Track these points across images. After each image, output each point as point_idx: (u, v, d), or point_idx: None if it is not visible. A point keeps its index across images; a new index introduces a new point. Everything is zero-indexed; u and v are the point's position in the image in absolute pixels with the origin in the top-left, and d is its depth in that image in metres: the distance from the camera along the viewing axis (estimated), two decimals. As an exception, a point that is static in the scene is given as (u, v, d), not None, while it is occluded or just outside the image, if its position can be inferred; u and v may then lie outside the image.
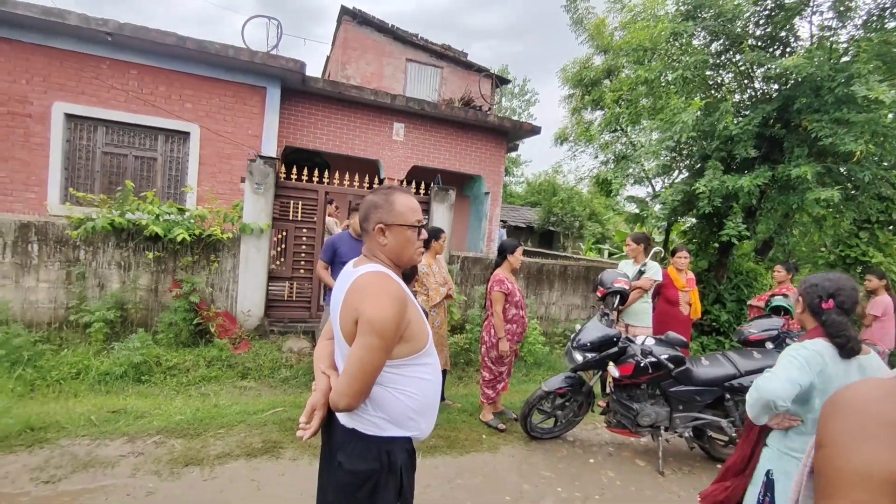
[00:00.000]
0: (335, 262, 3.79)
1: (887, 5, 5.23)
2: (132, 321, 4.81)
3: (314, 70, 11.75)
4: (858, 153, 4.66)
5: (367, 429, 1.36)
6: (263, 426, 3.43)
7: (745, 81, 6.45)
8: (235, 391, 4.17)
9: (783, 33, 5.80)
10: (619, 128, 8.05)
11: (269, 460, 3.01)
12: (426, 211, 6.09)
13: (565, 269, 6.88)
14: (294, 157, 8.75)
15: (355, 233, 3.90)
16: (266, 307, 5.38)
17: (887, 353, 4.63)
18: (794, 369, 1.73)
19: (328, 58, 13.20)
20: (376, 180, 6.82)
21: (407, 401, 1.38)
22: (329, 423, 1.46)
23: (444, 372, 4.11)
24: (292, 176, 5.73)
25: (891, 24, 5.23)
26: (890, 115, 4.98)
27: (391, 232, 1.42)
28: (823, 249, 7.72)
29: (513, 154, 22.69)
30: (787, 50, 5.87)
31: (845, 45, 5.43)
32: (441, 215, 6.09)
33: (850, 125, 4.76)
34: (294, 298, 5.65)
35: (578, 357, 3.39)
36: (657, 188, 7.69)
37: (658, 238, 10.09)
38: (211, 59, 6.44)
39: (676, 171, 7.32)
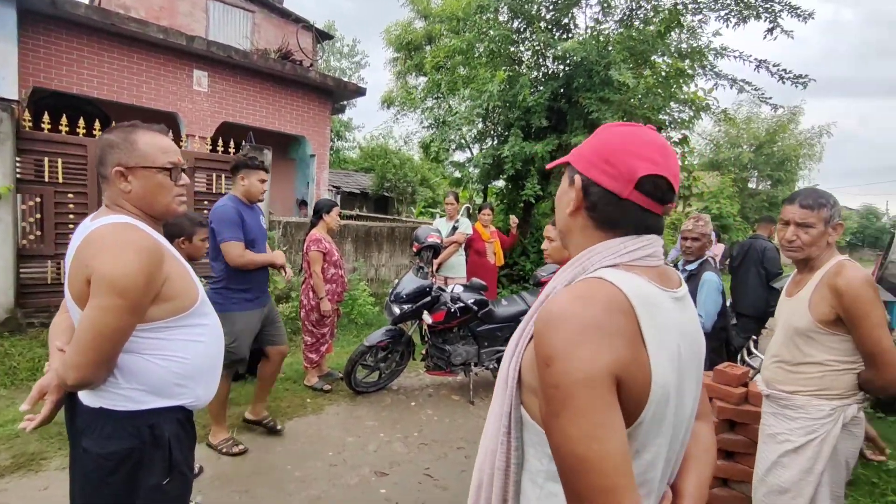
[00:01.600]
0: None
1: (634, 8, 6.49)
2: None
3: (77, -7, 9.25)
4: (614, 126, 5.79)
5: (119, 404, 1.18)
6: (16, 438, 2.76)
7: (539, 59, 7.33)
8: (-26, 402, 3.24)
9: (566, 20, 6.72)
10: (440, 94, 8.42)
11: (27, 476, 2.45)
12: (238, 172, 5.50)
13: (393, 230, 7.07)
14: (52, 104, 6.86)
15: (246, 197, 2.85)
16: (18, 295, 4.23)
17: None
18: None
19: (98, -20, 10.50)
20: (174, 136, 5.84)
21: (174, 367, 1.24)
22: (71, 405, 1.23)
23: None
24: (44, 125, 4.48)
25: (636, 23, 6.50)
26: (634, 99, 6.28)
27: (134, 176, 1.22)
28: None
29: (344, 117, 21.91)
30: (569, 35, 6.83)
31: (607, 36, 6.59)
32: (256, 177, 5.58)
33: (610, 103, 5.86)
34: (62, 281, 4.56)
35: (396, 310, 3.56)
36: (475, 153, 8.38)
37: (478, 200, 11.10)
38: None
39: (489, 138, 8.05)
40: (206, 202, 5.17)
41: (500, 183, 8.68)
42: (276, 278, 5.31)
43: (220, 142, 5.54)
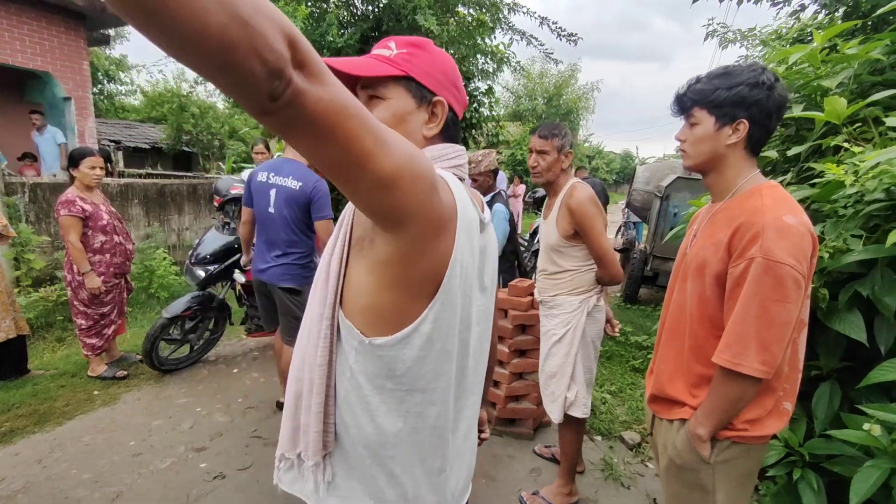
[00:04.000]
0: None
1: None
2: None
3: None
4: (425, 73, 5.93)
5: None
6: None
7: (347, -2, 6.93)
8: None
9: (372, -43, 6.43)
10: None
11: None
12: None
13: (195, 188, 6.13)
14: None
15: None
16: None
17: None
18: None
19: None
20: None
21: None
22: None
23: (22, 338, 3.05)
24: None
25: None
26: (443, 44, 6.49)
27: None
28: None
29: (114, 53, 17.57)
30: (376, -26, 6.58)
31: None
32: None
33: (420, 49, 5.95)
34: None
35: (200, 272, 3.15)
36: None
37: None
38: None
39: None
40: None
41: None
42: (28, 255, 4.16)
43: None
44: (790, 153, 1.94)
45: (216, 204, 3.65)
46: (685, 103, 1.19)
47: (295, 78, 0.44)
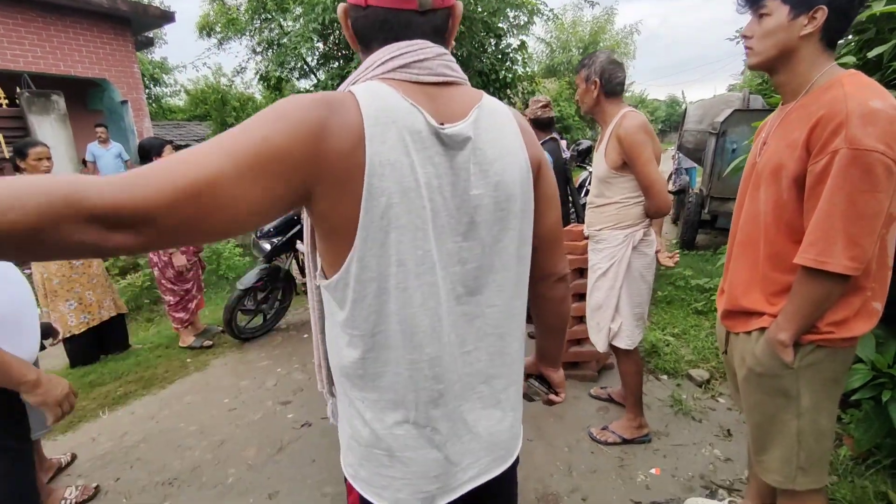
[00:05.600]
0: None
1: None
2: None
3: None
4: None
5: None
6: None
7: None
8: None
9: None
10: (268, 14, 7.43)
11: None
12: (23, 128, 4.37)
13: (247, 174, 6.41)
14: None
15: None
16: None
17: None
18: None
19: None
20: None
21: None
22: None
23: (121, 316, 3.41)
24: None
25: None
26: (472, 3, 6.28)
27: None
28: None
29: (156, 56, 18.39)
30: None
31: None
32: (49, 131, 4.51)
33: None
34: None
35: (266, 245, 3.36)
36: (322, 78, 7.76)
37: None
38: None
39: (333, 60, 7.49)
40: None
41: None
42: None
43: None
44: (871, 54, 1.77)
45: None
46: None
47: (118, 233, 0.47)
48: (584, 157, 5.89)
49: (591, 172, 5.03)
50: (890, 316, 1.44)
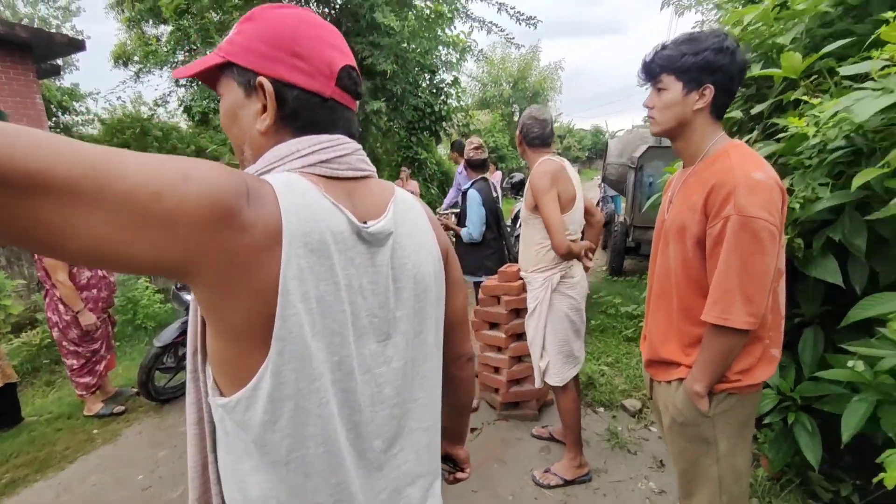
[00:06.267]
0: None
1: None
2: None
3: None
4: (389, 71, 5.89)
5: None
6: None
7: (303, 2, 6.82)
8: None
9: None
10: (193, 45, 7.15)
11: None
12: None
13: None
14: None
15: None
16: None
17: None
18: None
19: None
20: None
21: None
22: None
23: (11, 386, 2.97)
24: None
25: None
26: (405, 43, 6.44)
27: None
28: (394, 154, 9.83)
29: (65, 83, 16.99)
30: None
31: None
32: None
33: (381, 48, 5.90)
34: None
35: (188, 297, 3.10)
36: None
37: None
38: None
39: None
40: None
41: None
42: (4, 302, 4.04)
43: None
44: (753, 111, 2.00)
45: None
46: (653, 70, 1.22)
47: None
48: (518, 189, 6.12)
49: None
50: (789, 342, 1.60)
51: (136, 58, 8.29)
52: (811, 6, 1.83)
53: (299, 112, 0.62)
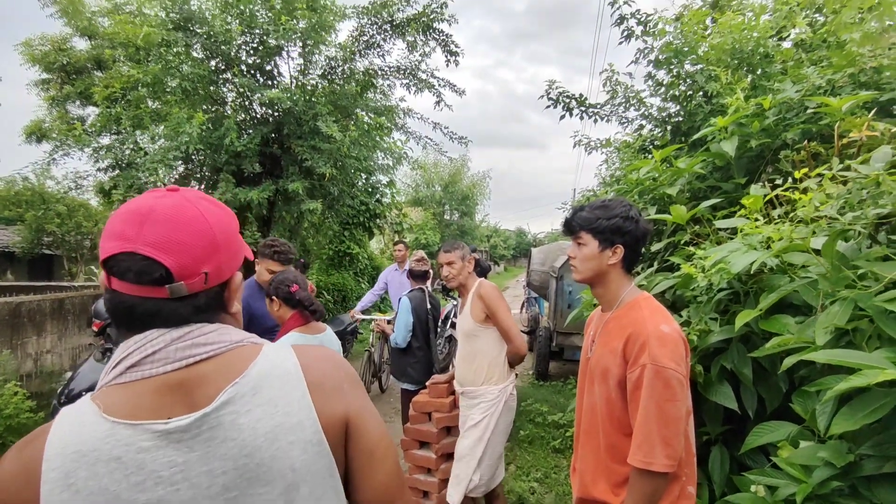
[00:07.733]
0: None
1: (335, 66, 7.00)
2: None
3: None
4: (328, 174, 6.11)
5: None
6: None
7: (245, 102, 7.07)
8: None
9: (269, 67, 6.73)
10: (121, 130, 6.96)
11: None
12: None
13: (61, 303, 5.34)
14: None
15: None
16: None
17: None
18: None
19: None
20: None
21: None
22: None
23: None
24: None
25: (337, 80, 7.07)
26: (345, 149, 6.79)
27: None
28: (325, 247, 9.78)
29: (-42, 150, 15.54)
30: (274, 82, 6.86)
31: (314, 87, 6.92)
32: None
33: (321, 152, 6.17)
34: None
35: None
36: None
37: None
38: None
39: (194, 181, 7.15)
40: None
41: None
42: None
43: None
44: (653, 249, 2.33)
45: (95, 329, 3.21)
46: (573, 227, 1.42)
47: None
48: (447, 289, 6.29)
49: (456, 307, 5.33)
50: (700, 458, 1.71)
51: (53, 136, 7.86)
52: (689, 166, 2.26)
53: (112, 316, 0.63)
